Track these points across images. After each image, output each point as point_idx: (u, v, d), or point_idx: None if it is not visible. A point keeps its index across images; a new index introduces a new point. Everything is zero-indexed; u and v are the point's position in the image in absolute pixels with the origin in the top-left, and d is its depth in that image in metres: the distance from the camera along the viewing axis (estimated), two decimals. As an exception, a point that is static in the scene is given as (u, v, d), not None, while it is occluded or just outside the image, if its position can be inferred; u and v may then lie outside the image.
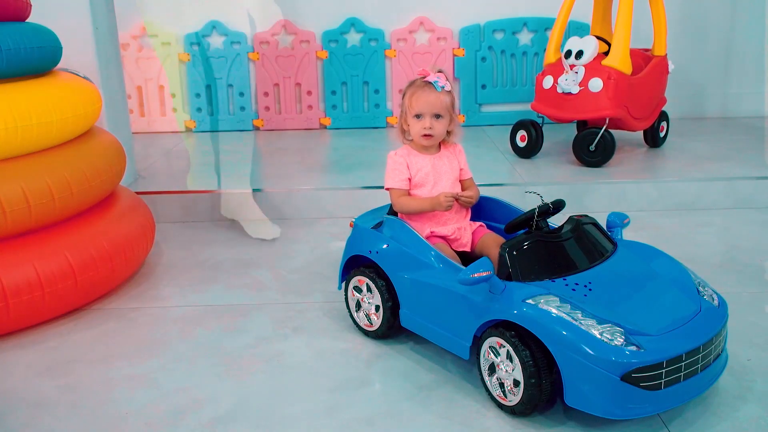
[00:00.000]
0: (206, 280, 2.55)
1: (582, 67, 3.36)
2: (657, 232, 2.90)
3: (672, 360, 1.52)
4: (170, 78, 4.52)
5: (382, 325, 2.03)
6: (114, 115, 3.21)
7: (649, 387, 1.51)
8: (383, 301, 2.00)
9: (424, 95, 1.98)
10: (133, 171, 3.38)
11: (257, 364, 1.97)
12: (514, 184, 3.20)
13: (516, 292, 1.65)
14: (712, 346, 1.62)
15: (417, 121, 2.01)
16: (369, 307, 2.06)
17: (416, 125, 2.02)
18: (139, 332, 2.18)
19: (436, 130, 2.01)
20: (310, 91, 4.54)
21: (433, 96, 1.98)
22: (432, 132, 2.01)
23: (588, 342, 1.51)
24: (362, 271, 2.06)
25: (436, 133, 2.01)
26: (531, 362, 1.60)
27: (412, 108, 2.01)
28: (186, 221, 3.20)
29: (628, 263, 1.78)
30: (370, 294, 2.05)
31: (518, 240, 1.74)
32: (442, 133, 2.03)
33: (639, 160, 3.61)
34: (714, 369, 1.64)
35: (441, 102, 1.99)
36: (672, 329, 1.59)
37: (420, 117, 2.01)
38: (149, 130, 4.56)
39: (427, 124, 2.00)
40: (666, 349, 1.53)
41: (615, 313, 1.59)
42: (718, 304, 1.71)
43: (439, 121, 2.00)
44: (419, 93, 1.99)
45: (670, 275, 1.77)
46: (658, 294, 1.69)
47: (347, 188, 3.19)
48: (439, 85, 1.98)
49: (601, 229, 1.87)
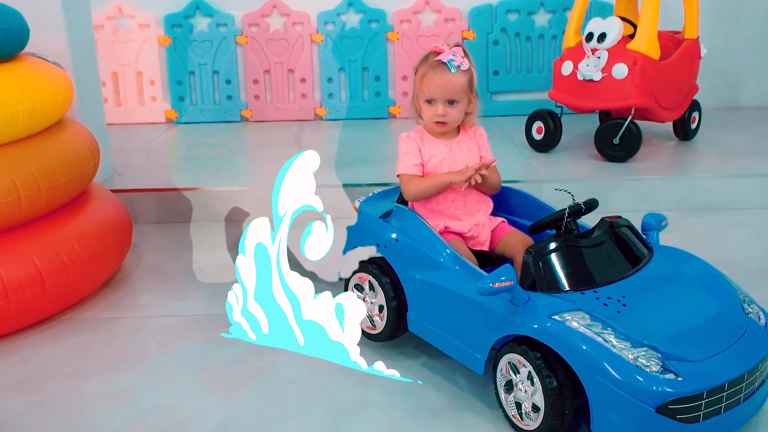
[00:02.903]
0: (189, 286, 2.55)
1: (605, 51, 3.36)
2: (687, 233, 2.90)
3: (713, 390, 1.50)
4: (149, 63, 4.52)
5: (386, 327, 2.03)
6: (87, 105, 3.21)
7: (686, 420, 1.48)
8: (387, 300, 2.00)
9: (436, 78, 1.94)
10: (107, 166, 3.38)
11: (246, 379, 1.97)
12: (530, 180, 3.20)
13: (540, 305, 1.64)
14: (757, 373, 1.58)
15: (429, 106, 1.99)
16: (372, 307, 2.06)
17: (428, 111, 1.99)
18: (116, 344, 2.18)
19: (451, 117, 1.98)
20: (304, 78, 4.54)
21: (445, 79, 1.94)
22: (446, 119, 1.98)
23: (621, 367, 1.49)
24: (365, 267, 2.06)
25: (451, 119, 1.99)
26: (555, 388, 1.58)
27: (422, 92, 1.98)
28: (166, 222, 3.20)
29: (665, 274, 1.76)
30: (373, 293, 2.05)
31: (545, 244, 1.72)
32: (458, 118, 2.00)
33: (667, 155, 3.60)
34: (757, 398, 1.61)
35: (455, 85, 1.94)
36: (714, 354, 1.55)
37: (432, 102, 1.98)
38: (126, 121, 4.56)
39: (440, 111, 1.97)
40: (707, 377, 1.50)
41: (651, 334, 1.57)
42: (765, 324, 1.68)
43: (454, 106, 1.97)
44: (430, 75, 1.95)
45: (713, 289, 1.74)
46: (700, 311, 1.67)
47: (345, 186, 3.19)
48: (453, 65, 1.93)
49: (636, 233, 1.85)
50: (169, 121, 4.61)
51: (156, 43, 4.49)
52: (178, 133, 4.41)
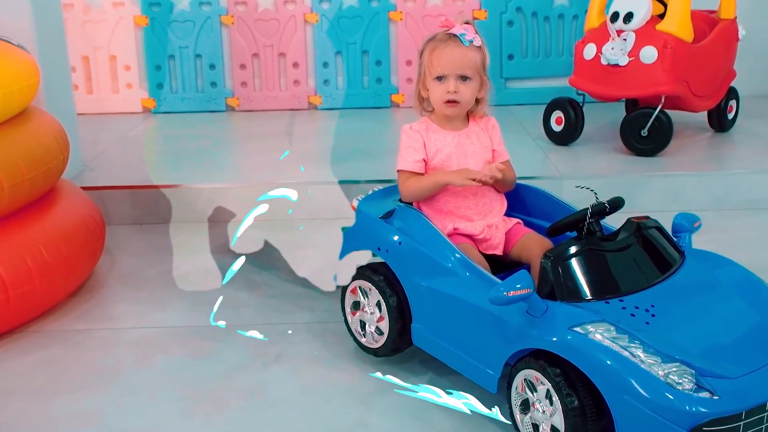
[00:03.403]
0: (169, 294, 2.55)
1: (632, 32, 3.35)
2: (723, 235, 2.90)
3: (753, 410, 1.49)
4: (124, 47, 4.52)
5: (387, 341, 2.02)
6: (55, 92, 3.21)
7: None
8: (389, 311, 1.99)
9: (448, 51, 1.95)
10: (78, 161, 3.38)
11: (231, 399, 1.97)
12: (548, 177, 3.19)
13: (560, 315, 1.63)
14: None
15: (438, 84, 1.98)
16: (371, 318, 2.06)
17: (437, 89, 1.99)
18: (87, 359, 2.18)
19: (463, 95, 1.98)
20: (297, 63, 4.53)
21: (458, 52, 1.95)
22: (457, 97, 1.97)
23: (650, 385, 1.49)
24: (364, 273, 2.06)
25: (463, 98, 1.98)
26: (576, 408, 1.57)
27: (432, 68, 1.98)
28: (143, 223, 3.20)
29: (698, 280, 1.76)
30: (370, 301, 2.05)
31: (565, 248, 1.72)
32: (470, 99, 2.00)
33: (702, 148, 3.59)
34: None
35: (468, 60, 1.95)
36: (753, 370, 1.55)
37: (442, 79, 1.97)
38: (98, 111, 4.56)
39: (452, 87, 1.96)
40: (746, 395, 1.49)
41: (683, 348, 1.56)
42: None
43: (467, 84, 1.97)
44: (441, 48, 1.96)
45: (752, 297, 1.74)
46: (737, 322, 1.67)
47: (342, 183, 3.18)
48: (466, 39, 1.95)
49: (666, 236, 1.85)
50: (146, 110, 4.60)
51: (132, 23, 4.49)
52: (157, 123, 4.40)
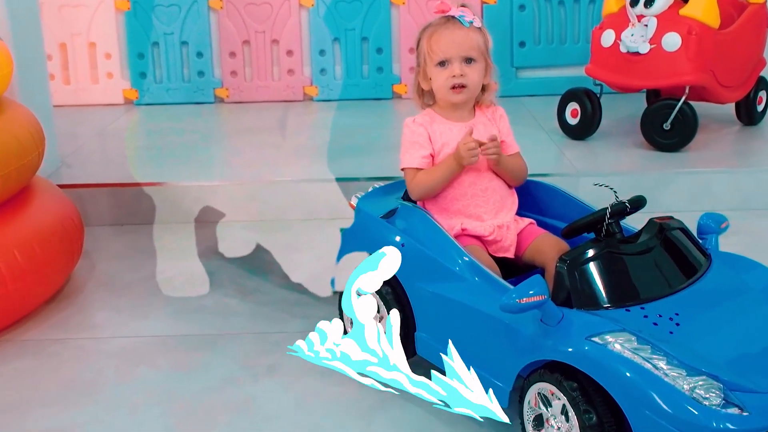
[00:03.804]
0: (152, 301, 2.55)
1: (653, 18, 3.35)
2: (752, 238, 2.90)
3: None
4: (104, 33, 4.52)
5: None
6: (29, 83, 3.21)
7: None
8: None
9: (448, 33, 1.97)
10: (54, 157, 3.39)
11: (219, 414, 1.97)
12: (563, 174, 3.20)
13: (577, 324, 1.63)
14: None
15: (441, 70, 2.00)
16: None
17: (441, 75, 2.00)
18: (64, 371, 2.18)
19: (470, 79, 1.99)
20: (291, 50, 4.54)
21: (460, 34, 1.97)
22: (464, 81, 1.99)
23: (674, 400, 1.48)
24: None
25: (470, 82, 1.99)
26: (595, 425, 1.57)
27: (433, 53, 1.99)
28: (125, 224, 3.20)
29: (726, 286, 1.76)
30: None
31: (582, 251, 1.72)
32: (477, 84, 2.01)
33: (729, 142, 3.60)
34: None
35: (471, 41, 1.97)
36: None
37: (445, 64, 1.99)
38: (76, 102, 4.57)
39: (457, 71, 1.98)
40: None
41: (710, 360, 1.56)
42: None
43: (472, 66, 1.99)
44: (441, 31, 1.98)
45: None
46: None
47: (340, 181, 3.18)
48: (466, 20, 1.97)
49: (691, 237, 1.85)
50: (128, 102, 4.61)
51: (112, 8, 4.50)
52: (139, 116, 4.41)
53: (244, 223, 3.16)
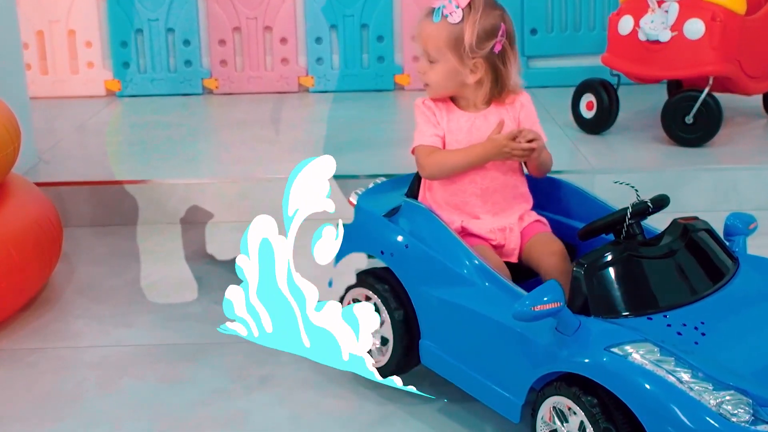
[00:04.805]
0: (136, 308, 2.55)
1: (674, 3, 3.35)
2: (783, 240, 2.90)
3: None
4: (84, 20, 4.53)
5: (391, 359, 2.03)
6: (4, 73, 3.21)
7: None
8: (393, 325, 1.99)
9: (421, 26, 2.03)
10: (31, 152, 3.38)
11: (209, 429, 1.97)
12: (578, 170, 3.20)
13: (595, 334, 1.63)
14: None
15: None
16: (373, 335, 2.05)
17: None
18: (41, 383, 2.17)
19: (429, 78, 2.03)
20: (285, 38, 4.54)
21: (428, 28, 2.00)
22: (425, 79, 2.05)
23: (699, 416, 1.48)
24: (364, 281, 2.06)
25: (430, 81, 2.04)
26: None
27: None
28: (106, 224, 3.20)
29: (755, 291, 1.76)
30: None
31: (600, 255, 1.71)
32: (440, 83, 2.03)
33: (756, 137, 3.60)
34: None
35: (428, 37, 2.00)
36: None
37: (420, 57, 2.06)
38: (55, 94, 4.57)
39: (420, 67, 2.05)
40: None
41: (738, 373, 1.55)
42: None
43: (433, 66, 2.02)
44: (420, 23, 2.05)
45: None
46: None
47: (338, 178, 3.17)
48: (441, 13, 1.99)
49: (717, 239, 1.85)
50: (110, 93, 4.61)
51: (93, -8, 4.50)
52: (122, 109, 4.41)
53: (234, 223, 3.14)
